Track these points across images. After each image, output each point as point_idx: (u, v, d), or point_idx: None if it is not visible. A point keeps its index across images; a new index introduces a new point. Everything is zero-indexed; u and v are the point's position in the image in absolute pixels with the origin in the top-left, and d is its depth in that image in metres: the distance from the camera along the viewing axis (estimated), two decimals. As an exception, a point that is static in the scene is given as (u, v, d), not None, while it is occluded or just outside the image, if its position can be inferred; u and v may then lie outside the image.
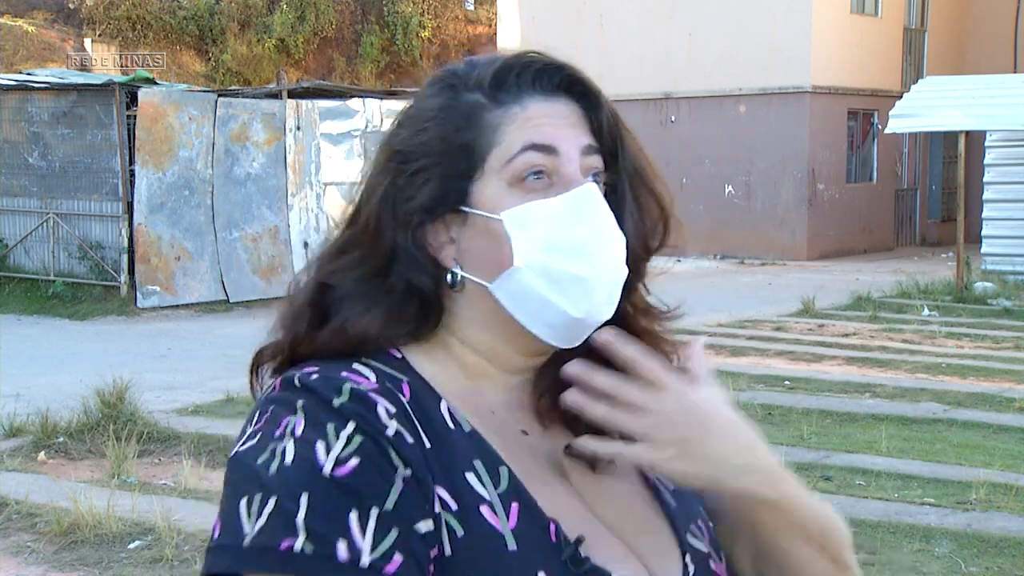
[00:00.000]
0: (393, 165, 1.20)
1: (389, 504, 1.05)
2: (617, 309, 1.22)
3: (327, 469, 1.04)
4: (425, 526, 1.06)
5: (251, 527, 1.04)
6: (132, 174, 14.40)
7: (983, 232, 16.83)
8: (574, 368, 1.17)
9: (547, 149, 1.17)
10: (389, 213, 1.18)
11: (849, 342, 11.50)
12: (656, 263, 1.31)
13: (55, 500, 5.94)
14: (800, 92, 21.02)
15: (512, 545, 1.09)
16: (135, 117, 14.34)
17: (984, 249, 16.73)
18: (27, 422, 7.58)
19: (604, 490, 1.21)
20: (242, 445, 1.11)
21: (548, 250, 1.16)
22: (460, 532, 1.08)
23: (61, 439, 7.35)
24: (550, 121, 1.19)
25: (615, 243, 1.18)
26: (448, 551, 1.07)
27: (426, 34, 33.58)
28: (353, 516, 1.03)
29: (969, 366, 10.06)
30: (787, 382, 9.42)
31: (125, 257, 14.51)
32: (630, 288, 1.23)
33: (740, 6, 21.42)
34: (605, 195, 1.20)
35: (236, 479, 1.09)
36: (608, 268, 1.17)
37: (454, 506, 1.09)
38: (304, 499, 1.03)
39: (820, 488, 6.27)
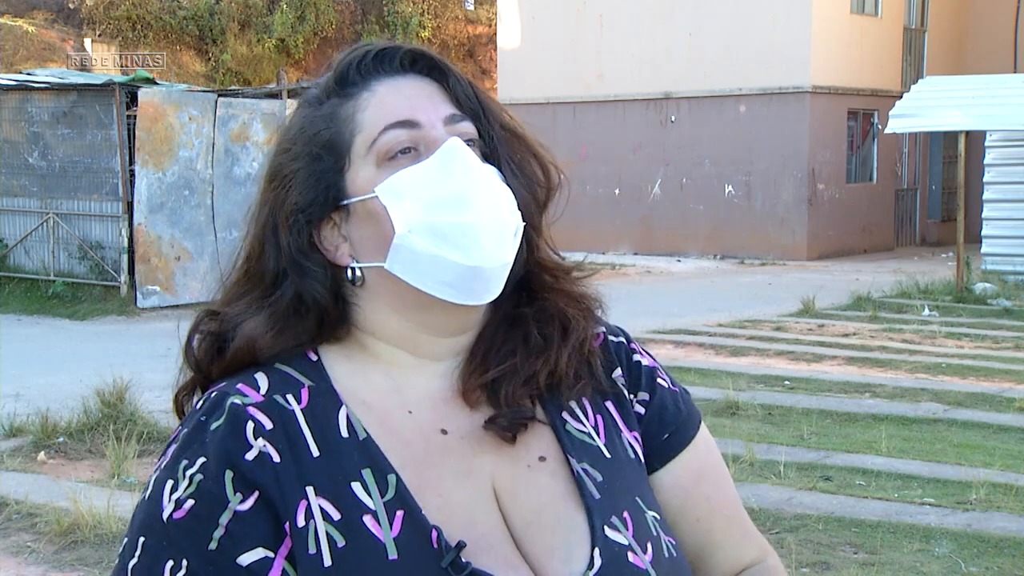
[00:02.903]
0: (269, 188, 1.23)
1: (212, 545, 1.10)
2: (525, 270, 1.23)
3: (165, 514, 1.13)
4: (251, 556, 1.11)
5: (117, 561, 1.17)
6: (132, 174, 14.40)
7: (983, 232, 16.82)
8: None
9: (407, 124, 1.19)
10: (271, 230, 1.21)
11: (849, 342, 11.49)
12: (656, 263, 1.31)
13: (55, 500, 5.94)
14: (800, 92, 21.02)
15: (393, 554, 1.10)
16: (135, 117, 14.33)
17: (984, 249, 16.72)
18: (27, 422, 7.57)
19: (523, 486, 1.20)
20: (159, 460, 1.19)
21: (427, 209, 1.16)
22: (341, 542, 1.10)
23: (61, 439, 7.34)
24: (403, 97, 1.20)
25: (493, 188, 1.18)
26: (328, 561, 1.10)
27: (426, 34, 33.57)
28: (168, 566, 1.11)
29: (969, 366, 10.05)
30: (787, 382, 9.41)
31: (125, 257, 14.51)
32: (532, 244, 1.24)
33: (740, 6, 21.41)
34: (484, 160, 1.21)
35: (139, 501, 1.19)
36: (490, 210, 1.17)
37: (336, 516, 1.11)
38: (140, 543, 1.14)
39: (820, 488, 6.28)
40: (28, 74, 17.81)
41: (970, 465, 6.67)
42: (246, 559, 1.10)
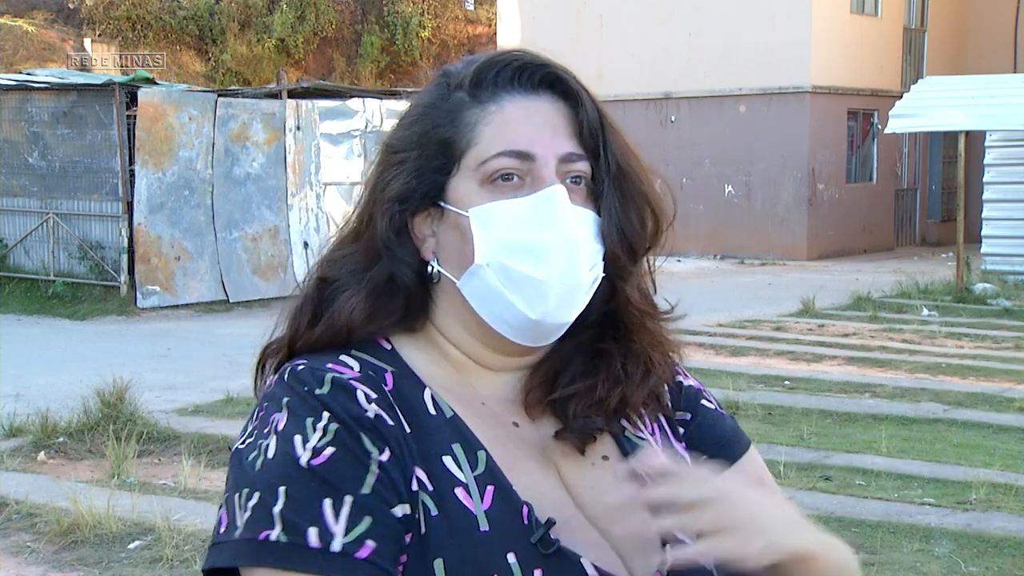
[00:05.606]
0: (383, 158, 1.25)
1: (366, 488, 1.09)
2: (612, 308, 1.25)
3: (304, 460, 1.09)
4: (402, 510, 1.10)
5: (240, 521, 1.10)
6: (132, 174, 14.40)
7: (983, 232, 16.83)
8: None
9: (523, 156, 1.19)
10: (375, 204, 1.23)
11: (849, 342, 11.49)
12: (656, 263, 1.32)
13: (55, 500, 5.94)
14: (800, 92, 21.02)
15: (484, 526, 1.12)
16: (135, 117, 14.33)
17: (984, 249, 16.72)
18: (27, 422, 7.58)
19: (590, 482, 1.23)
20: (241, 442, 1.16)
21: (507, 250, 1.19)
22: (434, 512, 1.12)
23: (61, 439, 7.35)
24: (527, 122, 1.21)
25: (575, 247, 1.19)
26: (423, 530, 1.11)
27: (426, 34, 33.57)
28: (327, 503, 1.08)
29: (969, 366, 10.05)
30: (787, 382, 9.42)
31: (125, 257, 14.51)
32: (617, 289, 1.25)
33: (740, 6, 21.42)
34: (594, 195, 1.22)
35: (234, 475, 1.14)
36: (564, 272, 1.19)
37: (430, 487, 1.13)
38: (282, 491, 1.09)
39: (820, 488, 6.28)
40: (28, 74, 17.82)
41: (970, 465, 6.68)
42: (400, 511, 1.10)
